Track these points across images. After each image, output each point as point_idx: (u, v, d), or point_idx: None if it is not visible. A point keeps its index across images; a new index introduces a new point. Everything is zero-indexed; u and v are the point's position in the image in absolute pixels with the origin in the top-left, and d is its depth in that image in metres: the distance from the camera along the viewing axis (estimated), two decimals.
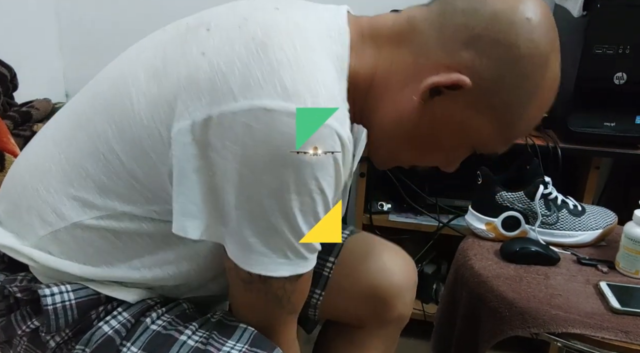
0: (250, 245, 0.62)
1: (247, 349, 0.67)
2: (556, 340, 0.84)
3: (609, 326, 0.82)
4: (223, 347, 0.67)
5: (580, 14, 1.26)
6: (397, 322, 0.93)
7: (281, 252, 0.62)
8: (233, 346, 0.67)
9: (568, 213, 1.05)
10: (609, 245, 1.06)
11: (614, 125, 1.31)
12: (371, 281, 0.88)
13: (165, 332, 0.68)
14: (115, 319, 0.69)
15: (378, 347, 0.94)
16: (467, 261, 1.01)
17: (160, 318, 0.70)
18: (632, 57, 1.25)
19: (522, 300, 0.88)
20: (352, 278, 0.89)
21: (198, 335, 0.69)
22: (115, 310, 0.70)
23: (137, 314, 0.70)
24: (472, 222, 1.08)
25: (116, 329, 0.68)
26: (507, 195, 1.04)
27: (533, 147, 1.33)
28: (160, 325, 0.69)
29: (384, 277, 0.88)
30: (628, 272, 0.95)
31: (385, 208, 1.56)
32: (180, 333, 0.68)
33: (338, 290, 0.89)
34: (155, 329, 0.69)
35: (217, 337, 0.68)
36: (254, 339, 0.69)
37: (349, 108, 0.63)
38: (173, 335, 0.68)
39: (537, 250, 0.99)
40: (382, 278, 0.88)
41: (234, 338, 0.68)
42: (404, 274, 0.90)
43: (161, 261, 0.70)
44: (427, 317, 1.56)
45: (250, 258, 0.63)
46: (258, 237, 0.61)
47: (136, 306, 0.71)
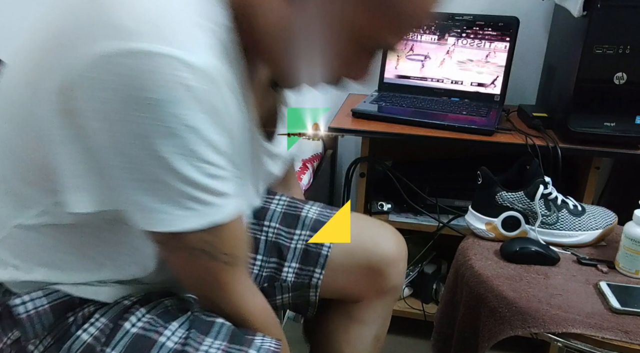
0: (144, 205, 0.59)
1: (225, 346, 0.66)
2: (556, 340, 0.84)
3: (609, 326, 0.82)
4: (201, 346, 0.66)
5: (580, 14, 1.26)
6: (392, 293, 0.96)
7: (178, 204, 0.59)
8: (211, 344, 0.67)
9: (568, 213, 1.05)
10: (609, 245, 1.06)
11: (614, 125, 1.31)
12: (366, 253, 0.92)
13: (144, 334, 0.67)
14: (93, 326, 0.68)
15: (376, 320, 0.97)
16: (467, 261, 1.01)
17: (140, 319, 0.69)
18: (632, 57, 1.25)
19: (522, 300, 0.88)
20: (348, 253, 0.91)
21: (177, 335, 0.68)
22: (93, 316, 0.69)
23: (115, 318, 0.69)
24: (472, 222, 1.09)
25: (95, 336, 0.67)
26: (507, 195, 1.04)
27: (533, 147, 1.33)
28: (140, 326, 0.68)
29: (378, 249, 0.92)
30: (628, 272, 0.96)
31: (385, 208, 1.56)
32: (160, 335, 0.67)
33: (336, 267, 0.91)
34: (135, 332, 0.68)
35: (195, 335, 0.67)
36: (232, 335, 0.68)
37: (235, 37, 0.62)
38: (152, 337, 0.67)
39: (537, 250, 0.99)
40: (376, 250, 0.92)
41: (211, 335, 0.68)
42: (395, 245, 0.94)
43: (117, 252, 0.70)
44: (427, 317, 1.56)
45: (151, 218, 0.60)
46: (147, 194, 0.58)
47: (113, 309, 0.70)
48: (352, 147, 1.86)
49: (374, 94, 1.62)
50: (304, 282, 0.90)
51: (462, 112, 1.47)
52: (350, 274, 0.92)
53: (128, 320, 0.69)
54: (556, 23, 1.55)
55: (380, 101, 1.56)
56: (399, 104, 1.53)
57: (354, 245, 0.92)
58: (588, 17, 1.25)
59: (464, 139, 1.37)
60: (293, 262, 0.90)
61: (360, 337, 0.97)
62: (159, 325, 0.69)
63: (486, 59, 1.54)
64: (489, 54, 1.54)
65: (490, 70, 1.55)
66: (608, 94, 1.29)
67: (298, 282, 0.90)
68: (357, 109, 1.49)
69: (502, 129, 1.41)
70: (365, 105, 1.52)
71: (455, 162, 1.65)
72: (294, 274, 0.89)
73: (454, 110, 1.49)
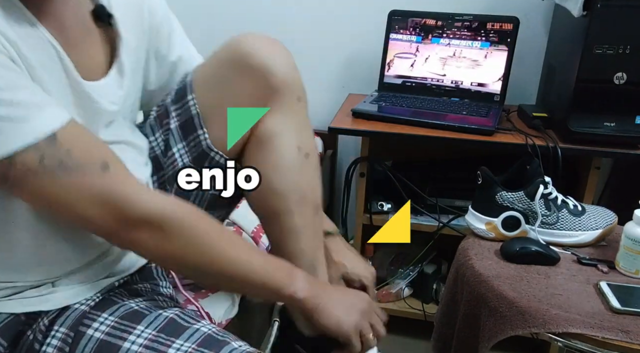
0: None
1: (193, 349, 0.66)
2: (556, 340, 0.84)
3: (609, 326, 0.82)
4: (169, 349, 0.66)
5: (580, 14, 1.26)
6: (288, 92, 0.84)
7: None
8: (180, 346, 0.66)
9: (568, 213, 1.05)
10: (609, 245, 1.06)
11: (614, 125, 1.31)
12: (236, 60, 0.82)
13: (108, 339, 0.67)
14: (54, 338, 0.68)
15: (287, 129, 0.85)
16: (467, 261, 1.01)
17: (103, 323, 0.69)
18: (632, 57, 1.25)
19: (522, 299, 0.88)
20: (218, 77, 0.84)
21: (143, 338, 0.67)
22: (52, 328, 0.69)
23: (74, 325, 0.69)
24: (472, 222, 1.09)
25: (59, 347, 0.67)
26: (507, 195, 1.04)
27: (533, 147, 1.33)
28: (104, 331, 0.68)
29: (245, 50, 0.82)
30: (628, 271, 0.96)
31: (385, 208, 1.56)
32: (124, 340, 0.66)
33: (215, 105, 0.84)
34: (99, 337, 0.67)
35: (164, 338, 0.67)
36: (204, 340, 0.67)
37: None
38: (117, 343, 0.66)
39: (538, 250, 0.99)
40: (244, 51, 0.82)
41: (182, 338, 0.67)
42: (264, 42, 0.83)
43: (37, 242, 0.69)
44: (427, 317, 1.56)
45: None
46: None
47: (70, 316, 0.70)
48: (352, 147, 1.86)
49: (374, 93, 1.62)
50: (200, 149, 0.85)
51: (462, 112, 1.47)
52: (233, 98, 0.83)
53: (90, 326, 0.68)
54: (556, 23, 1.55)
55: (380, 101, 1.56)
56: (399, 104, 1.53)
57: (223, 75, 0.84)
58: (588, 17, 1.25)
59: (464, 139, 1.37)
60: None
61: (278, 151, 0.84)
62: (124, 328, 0.68)
63: (486, 58, 1.55)
64: (489, 54, 1.54)
65: (490, 70, 1.55)
66: (608, 94, 1.29)
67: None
68: (357, 109, 1.49)
69: (502, 129, 1.41)
70: (365, 105, 1.52)
71: (455, 162, 1.64)
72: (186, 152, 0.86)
73: (454, 110, 1.49)
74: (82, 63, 0.70)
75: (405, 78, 1.62)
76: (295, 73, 0.85)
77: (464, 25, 1.55)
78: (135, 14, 0.82)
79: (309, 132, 0.89)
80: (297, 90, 0.86)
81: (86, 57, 0.72)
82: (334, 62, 1.82)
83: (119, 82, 0.76)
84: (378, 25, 1.64)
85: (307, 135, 0.88)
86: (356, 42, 1.78)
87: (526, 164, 1.08)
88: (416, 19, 1.59)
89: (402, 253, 1.70)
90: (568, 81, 1.33)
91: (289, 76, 0.84)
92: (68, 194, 0.63)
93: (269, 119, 0.84)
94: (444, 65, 1.58)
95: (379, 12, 1.65)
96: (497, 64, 1.53)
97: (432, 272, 1.64)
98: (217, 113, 0.84)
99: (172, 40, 0.89)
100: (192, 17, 1.83)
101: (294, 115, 0.85)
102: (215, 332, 0.70)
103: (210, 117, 0.84)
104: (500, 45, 1.53)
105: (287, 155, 0.84)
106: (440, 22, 1.57)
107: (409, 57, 1.61)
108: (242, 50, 0.81)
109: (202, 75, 0.86)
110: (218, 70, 0.84)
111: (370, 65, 1.73)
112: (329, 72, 1.84)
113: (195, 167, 0.86)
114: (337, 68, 1.83)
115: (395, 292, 1.63)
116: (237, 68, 0.82)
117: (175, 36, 0.90)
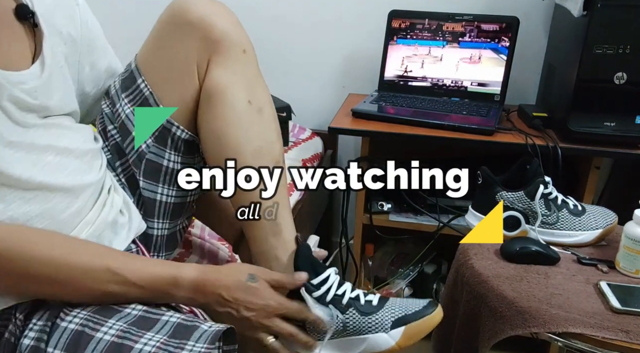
0: None
1: (165, 340, 0.66)
2: (556, 340, 0.84)
3: (609, 325, 0.82)
4: (140, 339, 0.66)
5: (580, 14, 1.26)
6: (229, 44, 0.83)
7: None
8: (151, 338, 0.66)
9: (568, 213, 1.05)
10: (609, 244, 1.06)
11: (614, 125, 1.31)
12: (175, 18, 0.82)
13: (82, 330, 0.68)
14: (32, 331, 0.69)
15: (236, 81, 0.84)
16: (467, 261, 1.01)
17: (77, 316, 0.69)
18: (632, 57, 1.25)
19: (522, 299, 0.88)
20: (160, 41, 0.85)
21: (115, 329, 0.67)
22: (30, 322, 0.69)
23: (51, 317, 0.70)
24: (472, 221, 1.09)
25: (37, 338, 0.68)
26: (507, 195, 1.04)
27: (533, 147, 1.33)
28: (78, 323, 0.68)
29: (183, 7, 0.82)
30: (628, 271, 0.96)
31: (385, 208, 1.56)
32: (97, 331, 0.67)
33: (162, 74, 0.85)
34: (73, 328, 0.68)
35: (135, 331, 0.67)
36: (174, 331, 0.67)
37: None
38: (90, 334, 0.67)
39: (538, 249, 0.99)
40: (182, 8, 0.82)
41: (153, 330, 0.67)
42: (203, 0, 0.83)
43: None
44: None
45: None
46: None
47: (46, 311, 0.70)
48: (352, 147, 1.86)
49: (374, 93, 1.62)
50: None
51: (462, 112, 1.47)
52: (170, 47, 0.84)
53: (65, 319, 0.69)
54: (556, 23, 1.55)
55: (380, 101, 1.56)
56: (399, 104, 1.53)
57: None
58: (588, 16, 1.25)
59: (464, 139, 1.37)
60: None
61: (227, 103, 0.83)
62: (97, 321, 0.68)
63: (486, 58, 1.55)
64: (489, 54, 1.54)
65: (490, 70, 1.55)
66: (608, 94, 1.29)
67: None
68: (357, 109, 1.49)
69: (502, 129, 1.41)
70: (365, 105, 1.52)
71: (455, 162, 1.64)
72: None
73: (454, 110, 1.49)
74: (1, 56, 0.72)
75: (406, 78, 1.62)
76: (238, 27, 0.85)
77: (464, 25, 1.55)
78: (66, 19, 0.84)
79: (261, 86, 0.87)
80: (242, 42, 0.84)
81: (5, 51, 0.74)
82: (334, 62, 1.83)
83: (39, 74, 0.77)
84: (378, 25, 1.64)
85: (260, 90, 0.86)
86: (356, 42, 1.79)
87: (526, 163, 1.08)
88: (416, 19, 1.59)
89: (402, 254, 1.70)
90: (568, 81, 1.33)
91: (231, 28, 0.83)
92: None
93: (214, 72, 0.83)
94: (444, 65, 1.58)
95: (379, 12, 1.65)
96: (497, 63, 1.53)
97: (432, 272, 1.64)
98: (165, 81, 0.84)
99: (108, 54, 0.93)
100: None
101: (241, 68, 0.84)
102: (184, 319, 0.70)
103: (161, 90, 0.85)
104: (500, 45, 1.53)
105: (237, 108, 0.83)
106: (440, 22, 1.57)
107: (409, 57, 1.61)
108: (180, 8, 0.82)
109: (145, 50, 0.87)
110: (158, 33, 0.85)
111: (370, 65, 1.73)
112: (329, 72, 1.84)
113: (162, 146, 0.86)
114: (337, 68, 1.83)
115: (396, 292, 1.63)
116: (176, 26, 0.82)
117: (109, 51, 0.94)
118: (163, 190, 0.88)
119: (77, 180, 0.78)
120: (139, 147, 0.86)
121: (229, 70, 0.83)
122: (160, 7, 0.84)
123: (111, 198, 0.84)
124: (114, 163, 0.89)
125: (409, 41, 1.60)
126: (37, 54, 0.78)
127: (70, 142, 0.79)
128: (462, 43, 1.56)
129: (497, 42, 1.53)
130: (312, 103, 1.85)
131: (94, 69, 0.90)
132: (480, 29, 1.54)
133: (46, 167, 0.74)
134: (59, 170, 0.76)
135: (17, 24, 0.77)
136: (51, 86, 0.78)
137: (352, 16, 1.76)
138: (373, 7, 1.71)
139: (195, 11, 0.81)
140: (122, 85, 0.88)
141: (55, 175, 0.75)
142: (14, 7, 0.77)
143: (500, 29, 1.53)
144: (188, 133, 0.86)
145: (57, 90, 0.79)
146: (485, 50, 1.54)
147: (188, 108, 0.85)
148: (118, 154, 0.89)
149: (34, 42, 0.79)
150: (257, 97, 0.84)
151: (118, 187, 0.88)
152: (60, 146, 0.77)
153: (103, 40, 0.93)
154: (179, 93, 0.85)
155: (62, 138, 0.78)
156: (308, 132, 1.79)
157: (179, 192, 0.90)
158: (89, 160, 0.82)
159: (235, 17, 0.84)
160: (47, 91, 0.77)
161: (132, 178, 0.89)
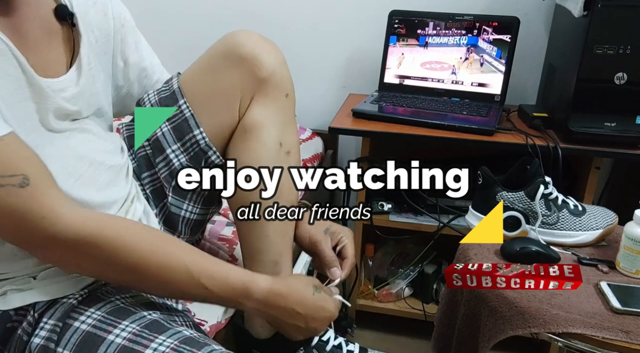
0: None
1: (175, 345, 0.67)
2: (556, 340, 0.84)
3: (609, 326, 0.82)
4: (152, 343, 0.67)
5: (580, 14, 1.26)
6: (273, 86, 0.87)
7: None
8: (162, 342, 0.67)
9: (568, 213, 1.05)
10: (610, 245, 1.06)
11: (614, 125, 1.31)
12: (228, 50, 0.85)
13: (94, 331, 0.68)
14: (43, 330, 0.69)
15: (271, 123, 0.88)
16: (467, 261, 1.01)
17: (90, 317, 0.70)
18: (632, 57, 1.25)
19: (522, 299, 0.88)
20: (209, 68, 0.87)
21: (127, 332, 0.68)
22: (41, 321, 0.70)
23: (62, 317, 0.70)
24: (472, 222, 1.09)
25: (47, 337, 0.68)
26: (507, 195, 1.04)
27: (533, 147, 1.33)
28: (90, 324, 0.69)
29: (237, 41, 0.86)
30: (628, 272, 0.95)
31: (385, 208, 1.56)
32: (109, 333, 0.68)
33: (205, 99, 0.87)
34: (85, 329, 0.68)
35: (147, 334, 0.68)
36: (186, 338, 0.69)
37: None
38: (101, 336, 0.67)
39: (538, 250, 0.99)
40: (235, 42, 0.86)
41: (165, 335, 0.68)
42: (257, 37, 0.87)
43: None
44: (428, 317, 1.56)
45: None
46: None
47: (59, 309, 0.71)
48: (352, 147, 1.86)
49: (374, 94, 1.62)
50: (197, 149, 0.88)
51: (462, 112, 1.47)
52: (217, 76, 0.87)
53: (77, 319, 0.69)
54: (556, 23, 1.55)
55: (380, 101, 1.56)
56: (399, 104, 1.53)
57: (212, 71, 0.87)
58: (588, 17, 1.25)
59: (464, 139, 1.37)
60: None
61: (261, 142, 0.86)
62: (110, 323, 0.69)
63: (486, 58, 1.54)
64: (489, 54, 1.54)
65: (490, 70, 1.55)
66: (608, 94, 1.29)
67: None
68: (357, 109, 1.49)
69: (502, 129, 1.41)
70: (365, 105, 1.52)
71: (455, 162, 1.64)
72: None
73: (454, 110, 1.49)
74: (41, 61, 0.72)
75: (406, 78, 1.62)
76: (285, 69, 0.88)
77: (464, 25, 1.55)
78: (100, 16, 0.84)
79: (293, 130, 0.92)
80: (286, 86, 0.88)
81: (45, 55, 0.74)
82: (334, 62, 1.83)
83: (76, 80, 0.77)
84: (378, 25, 1.64)
85: (291, 134, 0.91)
86: (356, 42, 1.79)
87: (526, 163, 1.08)
88: (416, 19, 1.59)
89: (402, 254, 1.70)
90: (568, 81, 1.33)
91: (278, 70, 0.87)
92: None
93: (255, 110, 0.87)
94: (444, 65, 1.58)
95: (379, 12, 1.65)
96: (498, 64, 1.53)
97: (432, 272, 1.64)
98: (208, 107, 0.87)
99: (140, 48, 0.93)
100: (193, 16, 1.83)
101: (280, 110, 0.88)
102: (196, 336, 0.71)
103: (201, 114, 0.87)
104: (500, 45, 1.53)
105: (268, 147, 0.87)
106: (440, 22, 1.57)
107: (409, 57, 1.61)
108: (233, 41, 0.85)
109: (191, 74, 0.89)
110: (209, 61, 0.88)
111: (370, 65, 1.73)
112: (329, 72, 1.84)
113: (194, 166, 0.87)
114: (337, 68, 1.83)
115: (396, 292, 1.63)
116: (228, 58, 0.85)
117: (141, 46, 0.94)
118: (188, 207, 0.91)
119: (106, 195, 0.80)
120: (171, 164, 0.88)
121: (269, 110, 0.87)
122: (162, 18, 0.84)
123: (133, 208, 0.86)
124: (140, 173, 0.91)
125: (409, 41, 1.60)
126: (75, 56, 0.78)
127: (100, 151, 0.80)
128: (463, 43, 1.56)
129: (497, 42, 1.53)
130: (312, 103, 1.85)
131: (127, 64, 0.91)
132: (481, 29, 1.54)
133: (79, 181, 0.75)
134: (91, 182, 0.77)
135: (56, 25, 0.77)
136: (86, 90, 0.79)
137: (353, 16, 1.76)
138: (373, 7, 1.71)
139: (248, 46, 0.85)
140: (160, 102, 0.89)
141: (87, 190, 0.76)
142: (54, 7, 0.77)
143: (500, 29, 1.53)
144: (222, 159, 0.89)
145: (90, 93, 0.80)
146: (486, 50, 1.54)
147: (223, 135, 0.89)
148: (146, 165, 0.91)
149: (70, 43, 0.79)
150: (287, 140, 0.89)
151: (141, 196, 0.90)
152: (91, 156, 0.78)
153: (135, 35, 0.92)
154: (218, 120, 0.88)
155: (92, 145, 0.79)
156: (308, 132, 1.79)
157: (202, 210, 0.93)
158: (117, 172, 0.84)
159: (283, 58, 0.89)
160: (83, 96, 0.78)
161: (158, 191, 0.91)
